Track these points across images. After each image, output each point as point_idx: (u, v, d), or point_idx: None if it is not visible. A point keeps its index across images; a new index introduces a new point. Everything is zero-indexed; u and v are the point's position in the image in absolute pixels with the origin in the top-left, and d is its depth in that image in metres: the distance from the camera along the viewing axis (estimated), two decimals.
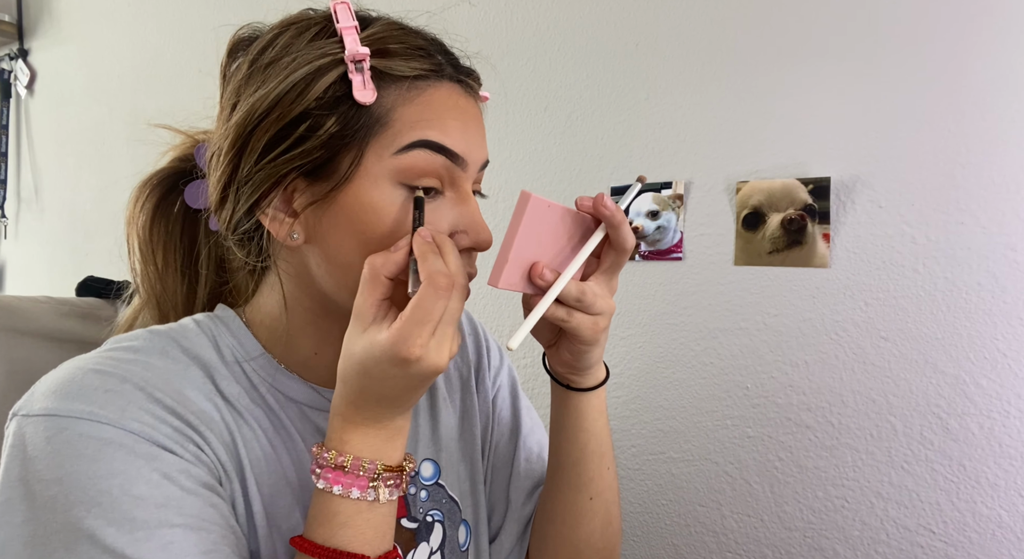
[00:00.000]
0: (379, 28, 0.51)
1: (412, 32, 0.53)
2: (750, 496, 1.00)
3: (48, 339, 0.70)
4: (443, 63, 0.52)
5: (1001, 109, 0.83)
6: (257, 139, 0.50)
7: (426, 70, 0.51)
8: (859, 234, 0.91)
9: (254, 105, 0.50)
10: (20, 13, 2.23)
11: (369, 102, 0.48)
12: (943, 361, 0.87)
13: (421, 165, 0.50)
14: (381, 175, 0.49)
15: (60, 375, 0.47)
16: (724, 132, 1.01)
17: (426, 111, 0.50)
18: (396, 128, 0.49)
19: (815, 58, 0.94)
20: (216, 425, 0.49)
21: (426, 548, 0.61)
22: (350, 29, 0.49)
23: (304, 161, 0.49)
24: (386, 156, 0.49)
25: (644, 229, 1.08)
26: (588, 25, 1.14)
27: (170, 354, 0.51)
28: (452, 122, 0.51)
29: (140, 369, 0.48)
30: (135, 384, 0.47)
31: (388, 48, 0.50)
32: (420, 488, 0.62)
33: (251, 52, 0.53)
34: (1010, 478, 0.83)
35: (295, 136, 0.49)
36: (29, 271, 2.30)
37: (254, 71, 0.52)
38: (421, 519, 0.61)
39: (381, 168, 0.49)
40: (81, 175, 2.07)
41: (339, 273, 0.52)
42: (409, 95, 0.50)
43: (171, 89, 1.79)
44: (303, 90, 0.49)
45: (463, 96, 0.53)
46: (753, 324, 0.99)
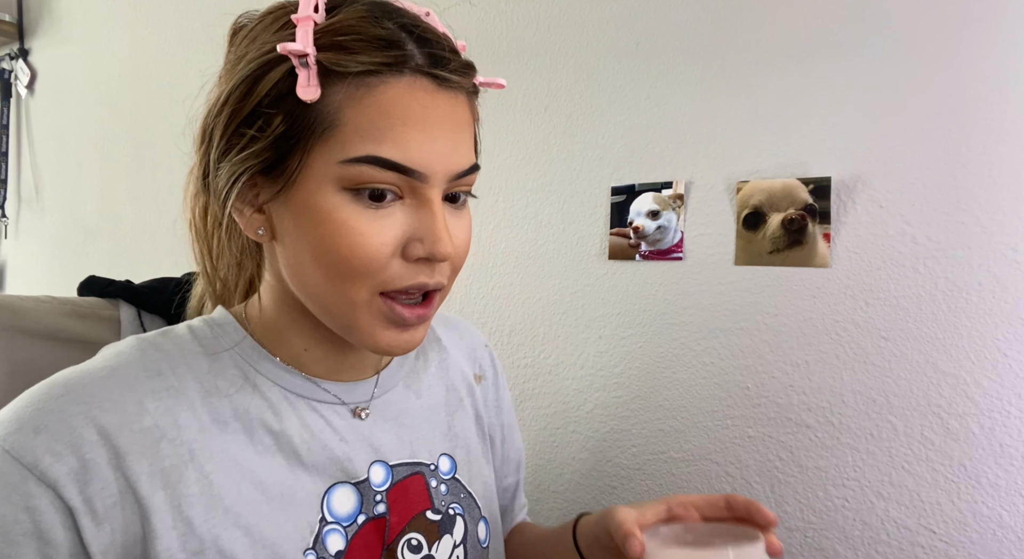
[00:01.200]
0: (341, 16, 0.47)
1: (378, 19, 0.47)
2: (750, 496, 1.00)
3: (50, 339, 0.70)
4: (407, 54, 0.47)
5: (1001, 109, 0.83)
6: (216, 136, 0.49)
7: (378, 64, 0.46)
8: (860, 234, 0.91)
9: (215, 101, 0.49)
10: (20, 13, 2.23)
11: (311, 100, 0.46)
12: (944, 361, 0.87)
13: (369, 179, 0.47)
14: (325, 179, 0.47)
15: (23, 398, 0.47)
16: (724, 132, 1.01)
17: (378, 116, 0.46)
18: (345, 134, 0.46)
19: (815, 58, 0.94)
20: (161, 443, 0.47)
21: (449, 540, 0.61)
22: (306, 20, 0.46)
23: (257, 160, 0.48)
24: (332, 162, 0.47)
25: (644, 229, 1.08)
26: (588, 25, 1.14)
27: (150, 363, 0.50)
28: (410, 130, 0.47)
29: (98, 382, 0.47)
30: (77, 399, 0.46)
31: (340, 41, 0.46)
32: (440, 481, 0.62)
33: (234, 43, 0.53)
34: (1011, 478, 0.83)
35: (248, 135, 0.48)
36: (29, 271, 2.30)
37: (227, 62, 0.51)
38: (444, 511, 0.61)
39: (326, 173, 0.47)
40: (81, 175, 2.07)
41: (295, 275, 0.51)
42: (358, 94, 0.46)
43: (171, 89, 1.79)
44: (251, 86, 0.47)
45: (431, 92, 0.48)
46: (753, 324, 0.99)
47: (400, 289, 0.50)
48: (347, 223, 0.47)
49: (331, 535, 0.53)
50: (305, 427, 0.54)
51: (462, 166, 0.50)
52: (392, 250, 0.48)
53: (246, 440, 0.51)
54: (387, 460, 0.58)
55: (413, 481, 0.60)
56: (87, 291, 0.78)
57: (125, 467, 0.45)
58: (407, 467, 0.60)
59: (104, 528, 0.45)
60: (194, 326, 0.55)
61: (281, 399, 0.54)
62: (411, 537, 0.58)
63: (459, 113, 0.50)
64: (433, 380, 0.67)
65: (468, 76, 0.51)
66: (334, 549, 0.53)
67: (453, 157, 0.49)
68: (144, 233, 1.87)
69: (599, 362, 1.13)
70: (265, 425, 0.52)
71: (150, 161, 1.85)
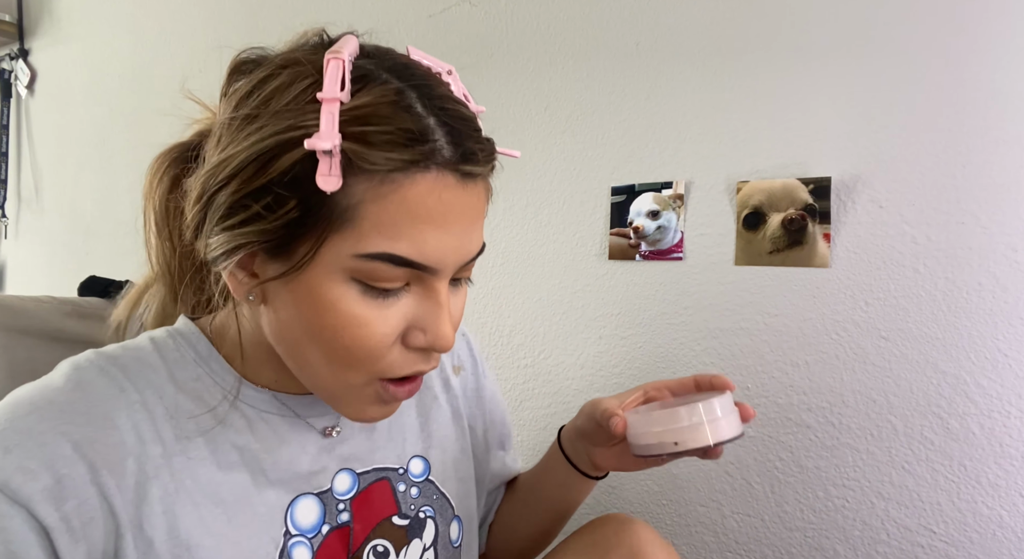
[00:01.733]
0: (368, 101, 0.44)
1: (409, 105, 0.44)
2: (750, 496, 1.00)
3: (50, 339, 0.70)
4: (436, 148, 0.44)
5: (1001, 109, 0.83)
6: (218, 202, 0.46)
7: (407, 161, 0.43)
8: (859, 234, 0.91)
9: (220, 164, 0.46)
10: (20, 13, 2.23)
11: (332, 190, 0.43)
12: (944, 361, 0.87)
13: (381, 274, 0.45)
14: (336, 270, 0.45)
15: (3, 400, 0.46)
16: (724, 132, 1.01)
17: (398, 214, 0.44)
18: (362, 228, 0.44)
19: (815, 58, 0.94)
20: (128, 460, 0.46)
21: (419, 545, 0.61)
22: (332, 101, 0.43)
23: (261, 238, 0.45)
24: (345, 255, 0.45)
25: (644, 229, 1.08)
26: (588, 25, 1.14)
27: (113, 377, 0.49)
28: (428, 229, 0.45)
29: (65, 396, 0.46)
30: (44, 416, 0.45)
31: (367, 132, 0.43)
32: (410, 485, 0.62)
33: (241, 89, 0.48)
34: (1011, 478, 0.83)
35: (254, 210, 0.44)
36: (29, 271, 2.30)
37: (233, 119, 0.47)
38: (413, 515, 0.61)
39: (338, 264, 0.45)
40: (81, 175, 2.07)
41: (285, 345, 0.50)
42: (382, 190, 0.44)
43: (171, 89, 1.79)
44: (267, 162, 0.44)
45: (455, 188, 0.46)
46: (753, 324, 0.99)
47: (398, 376, 0.49)
48: (352, 313, 0.46)
49: (297, 547, 0.53)
50: (271, 441, 0.53)
51: (471, 255, 0.50)
52: (394, 340, 0.48)
53: (209, 457, 0.50)
54: (354, 468, 0.58)
55: (378, 487, 0.59)
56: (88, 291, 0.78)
57: (100, 481, 0.45)
58: (374, 473, 0.60)
59: (80, 546, 0.44)
60: (157, 338, 0.53)
61: (247, 415, 0.53)
62: (376, 543, 0.58)
63: (479, 205, 0.49)
64: None
65: (491, 162, 0.49)
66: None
67: (465, 249, 0.48)
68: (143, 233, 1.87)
69: (599, 362, 1.13)
70: (230, 441, 0.51)
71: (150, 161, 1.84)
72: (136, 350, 0.52)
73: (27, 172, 2.28)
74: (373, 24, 1.37)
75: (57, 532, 0.43)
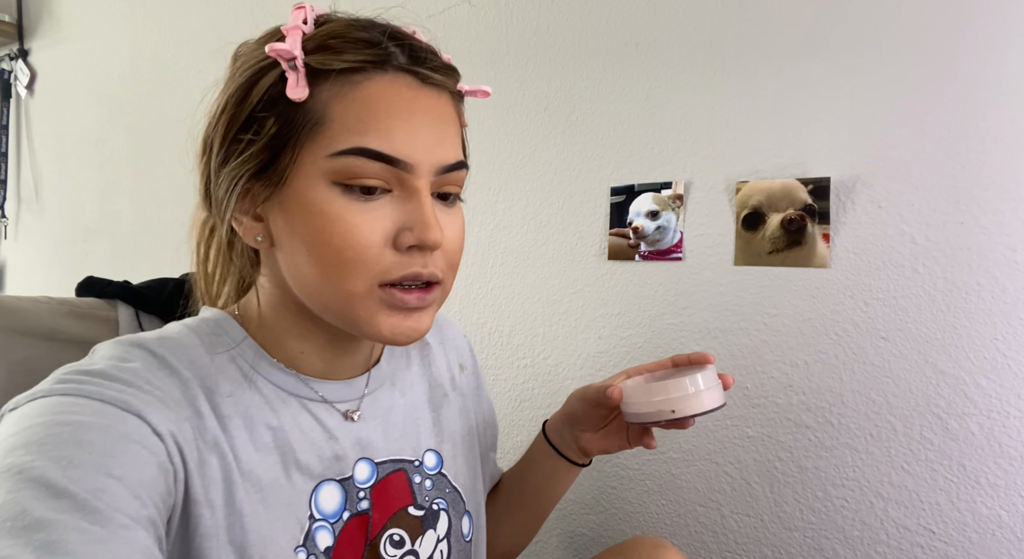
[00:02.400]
0: (328, 26, 0.51)
1: (363, 26, 0.51)
2: (750, 496, 1.00)
3: (48, 339, 0.70)
4: (390, 52, 0.50)
5: (1001, 109, 0.83)
6: (215, 144, 0.51)
7: (361, 61, 0.49)
8: (859, 234, 0.91)
9: (214, 113, 0.52)
10: (20, 13, 2.23)
11: (299, 99, 0.48)
12: (943, 361, 0.87)
13: (356, 170, 0.49)
14: (316, 174, 0.49)
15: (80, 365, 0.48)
16: (724, 132, 1.01)
17: (363, 110, 0.48)
18: (332, 129, 0.49)
19: (815, 58, 0.94)
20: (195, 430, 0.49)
21: (432, 535, 0.62)
22: (294, 29, 0.49)
23: (253, 163, 0.50)
24: (321, 157, 0.49)
25: (644, 229, 1.08)
26: (588, 25, 1.14)
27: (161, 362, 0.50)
28: (393, 121, 0.49)
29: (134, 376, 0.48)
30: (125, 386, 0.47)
31: (327, 43, 0.49)
32: (425, 477, 0.64)
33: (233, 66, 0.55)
34: (1010, 478, 0.83)
35: (245, 140, 0.50)
36: (29, 271, 2.30)
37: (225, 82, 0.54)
38: (427, 506, 0.63)
39: (316, 168, 0.49)
40: (81, 175, 2.07)
41: (294, 276, 0.52)
42: (343, 90, 0.49)
43: (171, 89, 1.79)
44: (247, 92, 0.50)
45: (414, 88, 0.50)
46: (753, 324, 0.99)
47: (395, 279, 0.51)
48: (338, 215, 0.49)
49: (320, 532, 0.54)
50: (298, 425, 0.55)
51: (448, 160, 0.52)
52: (383, 239, 0.50)
53: (247, 437, 0.52)
54: (373, 457, 0.60)
55: (396, 477, 0.61)
56: (85, 292, 0.78)
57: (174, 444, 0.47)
58: (391, 464, 0.61)
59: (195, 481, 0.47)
60: (191, 325, 0.56)
61: (276, 397, 0.55)
62: (393, 532, 0.59)
63: (443, 109, 0.52)
64: (416, 378, 0.68)
65: (450, 77, 0.53)
66: (323, 545, 0.54)
67: (438, 150, 0.51)
68: (144, 233, 1.87)
69: (599, 362, 1.13)
70: (265, 421, 0.53)
71: (150, 161, 1.85)
72: (175, 334, 0.54)
73: (27, 172, 2.28)
74: None
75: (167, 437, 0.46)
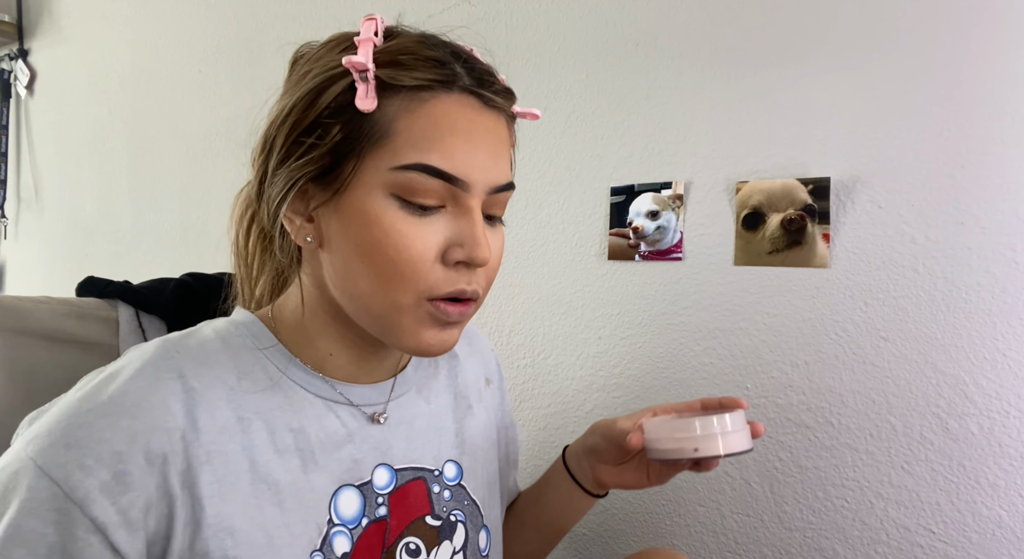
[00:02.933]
0: (399, 40, 0.52)
1: (432, 44, 0.52)
2: (750, 496, 1.00)
3: (48, 339, 0.70)
4: (457, 73, 0.51)
5: (1001, 109, 0.83)
6: (277, 144, 0.52)
7: (430, 80, 0.50)
8: (859, 234, 0.91)
9: (279, 113, 0.53)
10: (20, 13, 2.23)
11: (368, 110, 0.49)
12: (943, 361, 0.87)
13: (417, 186, 0.50)
14: (376, 185, 0.50)
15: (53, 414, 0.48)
16: (724, 132, 1.01)
17: (428, 127, 0.50)
18: (397, 143, 0.50)
19: (815, 58, 0.94)
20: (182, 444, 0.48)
21: (449, 547, 0.62)
22: (366, 41, 0.51)
23: (314, 167, 0.51)
24: (383, 169, 0.50)
25: (644, 229, 1.08)
26: (588, 25, 1.14)
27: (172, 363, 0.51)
28: (456, 141, 0.50)
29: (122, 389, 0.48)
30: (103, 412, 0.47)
31: (398, 59, 0.50)
32: (444, 487, 0.63)
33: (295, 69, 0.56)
34: (1010, 478, 0.83)
35: (308, 143, 0.51)
36: (29, 271, 2.30)
37: (290, 81, 0.55)
38: (445, 517, 0.62)
39: (377, 179, 0.50)
40: (81, 175, 2.07)
41: (341, 280, 0.53)
42: (411, 106, 0.50)
43: (171, 89, 1.79)
44: (315, 98, 0.51)
45: (477, 110, 0.52)
46: (753, 324, 0.99)
47: (443, 295, 0.52)
48: (394, 227, 0.50)
49: (338, 537, 0.54)
50: (322, 427, 0.56)
51: (501, 180, 0.54)
52: (435, 254, 0.51)
53: (267, 439, 0.52)
54: (393, 464, 0.59)
55: (415, 486, 0.61)
56: (85, 292, 0.78)
57: (156, 467, 0.47)
58: (411, 472, 0.61)
59: (138, 535, 0.46)
60: (219, 328, 0.57)
61: (302, 399, 0.55)
62: (409, 541, 0.59)
63: (500, 132, 0.54)
64: (442, 387, 0.68)
65: (509, 100, 0.56)
66: (340, 551, 0.54)
67: (493, 171, 0.53)
68: (144, 233, 1.87)
69: (598, 362, 1.13)
70: (286, 423, 0.54)
71: (150, 161, 1.85)
72: (199, 338, 0.55)
73: (27, 172, 2.28)
74: None
75: (113, 527, 0.45)
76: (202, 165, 1.71)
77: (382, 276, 0.51)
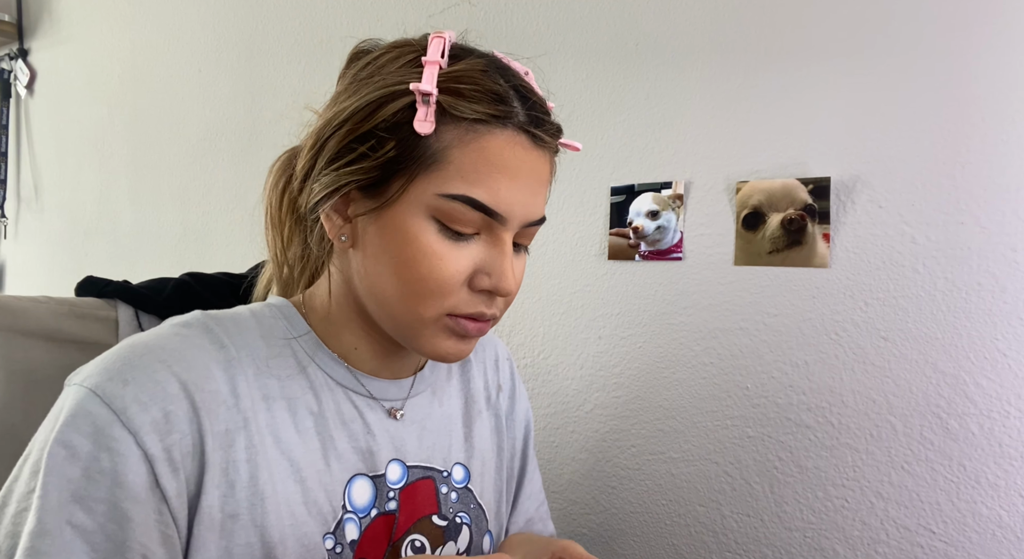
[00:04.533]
0: (463, 67, 0.52)
1: (495, 75, 0.53)
2: (750, 496, 1.00)
3: (47, 339, 0.70)
4: (514, 111, 0.52)
5: (1001, 109, 0.83)
6: (330, 146, 0.53)
7: (489, 115, 0.51)
8: (859, 234, 0.91)
9: (335, 115, 0.53)
10: (20, 13, 2.23)
11: (426, 133, 0.50)
12: (943, 361, 0.87)
13: (458, 215, 0.52)
14: (420, 206, 0.52)
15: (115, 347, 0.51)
16: (724, 132, 1.01)
17: (480, 161, 0.51)
18: (447, 171, 0.51)
19: (815, 58, 0.94)
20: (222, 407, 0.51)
21: (453, 548, 0.63)
22: (433, 63, 0.51)
23: (363, 176, 0.52)
24: (430, 192, 0.51)
25: (644, 229, 1.08)
26: (588, 25, 1.14)
27: (215, 334, 0.54)
28: (502, 179, 0.52)
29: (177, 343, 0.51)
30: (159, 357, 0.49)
31: (459, 88, 0.51)
32: (451, 489, 0.64)
33: (358, 65, 0.57)
34: (1010, 478, 0.83)
35: (359, 152, 0.52)
36: (29, 271, 2.30)
37: (351, 83, 0.55)
38: (451, 518, 0.63)
39: (422, 201, 0.52)
40: (81, 175, 2.07)
41: (368, 283, 0.55)
42: (466, 137, 0.51)
43: (171, 89, 1.79)
44: (374, 110, 0.52)
45: (526, 148, 0.53)
46: (753, 324, 0.99)
47: (463, 314, 0.54)
48: (431, 248, 0.52)
49: (348, 524, 0.56)
50: (339, 414, 0.57)
51: (535, 216, 0.56)
52: (464, 279, 0.53)
53: (289, 419, 0.54)
54: (405, 460, 0.61)
55: (424, 484, 0.62)
56: (84, 291, 0.78)
57: (199, 421, 0.49)
58: (421, 470, 0.62)
59: (179, 475, 0.48)
60: (256, 310, 0.59)
61: (324, 386, 0.57)
62: (415, 538, 0.60)
63: (544, 170, 0.57)
64: (454, 390, 0.69)
65: (557, 137, 0.58)
66: (349, 537, 0.55)
67: (531, 207, 0.55)
68: (143, 233, 1.87)
69: (598, 362, 1.13)
70: (308, 407, 0.56)
71: (150, 161, 1.85)
72: (236, 315, 0.57)
73: (26, 172, 2.28)
74: (373, 24, 1.37)
75: (158, 461, 0.47)
76: (202, 165, 1.71)
77: (410, 290, 0.53)
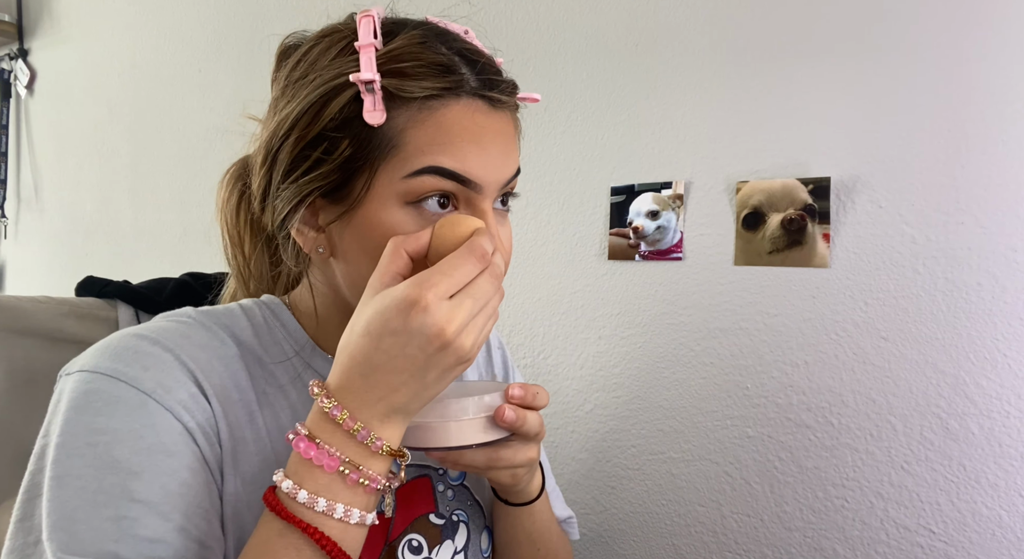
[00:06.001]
0: (400, 44, 0.49)
1: (435, 45, 0.50)
2: (750, 496, 1.00)
3: (47, 339, 0.70)
4: (464, 78, 0.50)
5: (1001, 109, 0.83)
6: (282, 158, 0.51)
7: (439, 89, 0.49)
8: (859, 234, 0.91)
9: (279, 124, 0.51)
10: (20, 13, 2.23)
11: (378, 124, 0.48)
12: (943, 361, 0.87)
13: (430, 187, 0.49)
14: (389, 196, 0.49)
15: (107, 339, 0.50)
16: (724, 132, 1.01)
17: (439, 134, 0.49)
18: (407, 152, 0.49)
19: (815, 58, 0.94)
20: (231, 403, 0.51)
21: (451, 546, 0.62)
22: (368, 47, 0.49)
23: (323, 182, 0.50)
24: (396, 179, 0.49)
25: (644, 229, 1.08)
26: (588, 25, 1.14)
27: (211, 329, 0.53)
28: (467, 145, 0.50)
29: (178, 336, 0.51)
30: (166, 347, 0.49)
31: (401, 67, 0.48)
32: (447, 487, 0.64)
33: (289, 64, 0.54)
34: (1010, 478, 0.83)
35: (313, 158, 0.49)
36: (29, 271, 2.30)
37: (286, 86, 0.53)
38: (448, 516, 0.63)
39: (391, 190, 0.49)
40: (81, 175, 2.07)
41: (356, 290, 0.53)
42: (420, 116, 0.49)
43: (171, 89, 1.79)
44: (319, 111, 0.49)
45: (485, 112, 0.51)
46: (753, 324, 0.99)
47: None
48: None
49: None
50: None
51: (510, 174, 0.54)
52: None
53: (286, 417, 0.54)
54: None
55: (420, 483, 0.61)
56: (84, 291, 0.78)
57: (212, 409, 0.50)
58: (417, 468, 0.61)
59: (215, 449, 0.49)
60: (244, 305, 0.58)
61: None
62: (412, 537, 0.59)
63: (509, 129, 0.54)
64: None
65: (514, 95, 0.55)
66: None
67: (503, 168, 0.53)
68: (143, 233, 1.87)
69: (598, 362, 1.13)
70: (302, 404, 0.55)
71: (150, 161, 1.85)
72: (228, 311, 0.57)
73: (27, 172, 2.28)
74: None
75: (198, 435, 0.48)
76: (202, 165, 1.71)
77: None
